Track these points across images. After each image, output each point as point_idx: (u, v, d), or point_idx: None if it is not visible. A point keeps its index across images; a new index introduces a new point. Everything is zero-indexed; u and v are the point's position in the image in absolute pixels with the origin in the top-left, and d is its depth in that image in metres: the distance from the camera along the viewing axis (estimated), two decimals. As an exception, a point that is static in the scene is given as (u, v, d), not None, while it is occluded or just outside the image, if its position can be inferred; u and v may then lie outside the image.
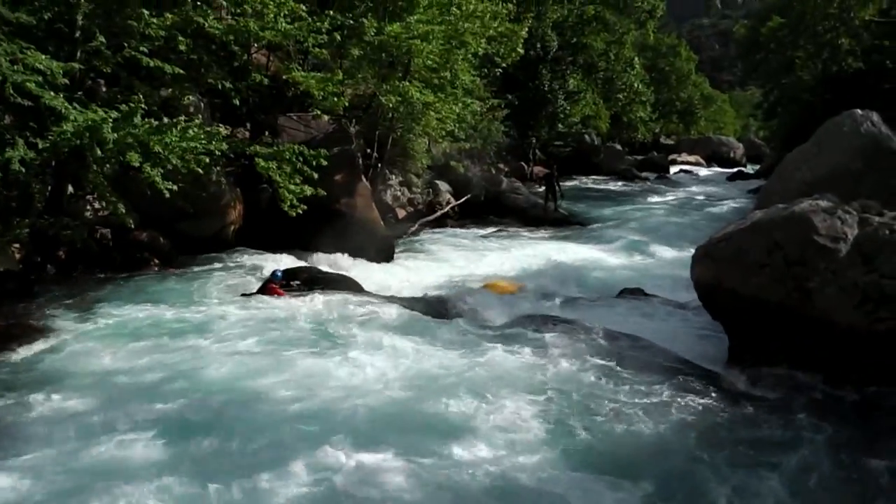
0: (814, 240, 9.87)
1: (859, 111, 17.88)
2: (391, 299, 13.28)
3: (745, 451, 7.52)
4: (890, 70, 34.67)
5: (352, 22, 18.74)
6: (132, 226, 13.37)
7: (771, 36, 44.98)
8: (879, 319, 8.98)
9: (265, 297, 12.87)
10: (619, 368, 9.39)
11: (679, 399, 8.62)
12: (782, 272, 9.91)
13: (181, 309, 12.01)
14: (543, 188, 29.38)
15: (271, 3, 15.19)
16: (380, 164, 21.81)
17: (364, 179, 19.01)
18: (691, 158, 69.79)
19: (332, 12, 17.41)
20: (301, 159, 15.14)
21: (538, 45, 40.02)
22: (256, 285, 13.68)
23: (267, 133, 18.18)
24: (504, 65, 27.80)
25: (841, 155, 16.96)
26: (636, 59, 59.45)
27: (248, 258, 15.95)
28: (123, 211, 12.87)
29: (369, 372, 9.13)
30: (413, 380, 8.90)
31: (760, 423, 8.24)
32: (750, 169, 61.14)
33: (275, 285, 13.31)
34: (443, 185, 26.73)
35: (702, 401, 8.64)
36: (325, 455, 6.94)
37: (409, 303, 13.10)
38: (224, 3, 15.29)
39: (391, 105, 19.28)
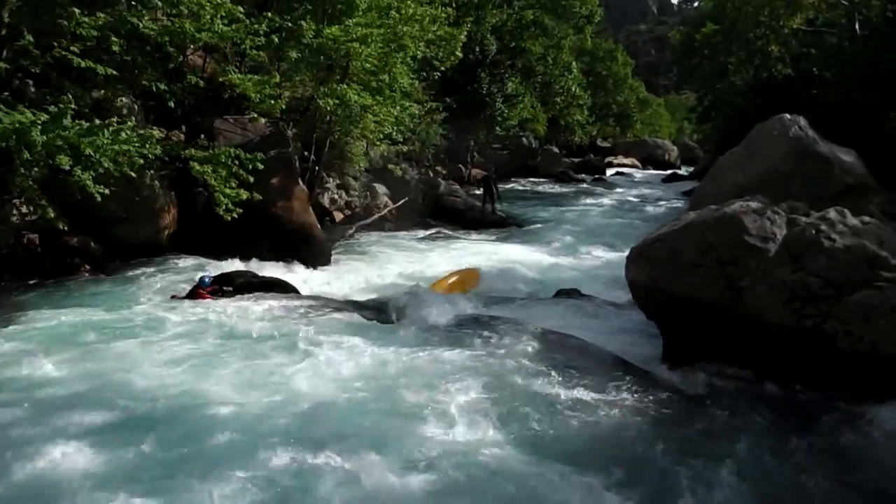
0: (745, 240, 10.13)
1: (787, 116, 18.37)
2: (328, 303, 13.22)
3: (678, 446, 7.66)
4: (817, 76, 35.67)
5: (290, 24, 18.62)
6: (64, 229, 13.07)
7: (705, 42, 45.95)
8: (806, 316, 9.26)
9: (198, 301, 12.72)
10: (556, 368, 9.48)
11: (615, 397, 8.76)
12: (715, 272, 10.15)
13: (112, 315, 11.77)
14: (481, 190, 29.55)
15: (208, 4, 14.94)
16: (317, 168, 21.67)
17: (301, 183, 18.87)
18: (627, 161, 70.93)
19: (270, 14, 17.27)
20: (237, 163, 14.96)
21: (477, 49, 40.21)
22: (188, 290, 13.49)
23: (203, 136, 17.91)
24: (443, 68, 27.88)
25: (771, 158, 17.40)
26: (574, 63, 60.19)
27: (183, 263, 15.72)
28: (53, 215, 12.56)
29: (305, 376, 9.04)
30: (351, 383, 8.86)
31: (693, 419, 8.42)
32: (684, 171, 62.39)
33: (203, 291, 13.16)
34: (380, 188, 26.68)
35: (637, 399, 8.79)
36: (259, 460, 6.87)
37: (345, 306, 13.06)
38: (159, 3, 15.00)
39: (329, 108, 19.18)
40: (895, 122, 22.33)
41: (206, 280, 13.56)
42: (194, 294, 13.17)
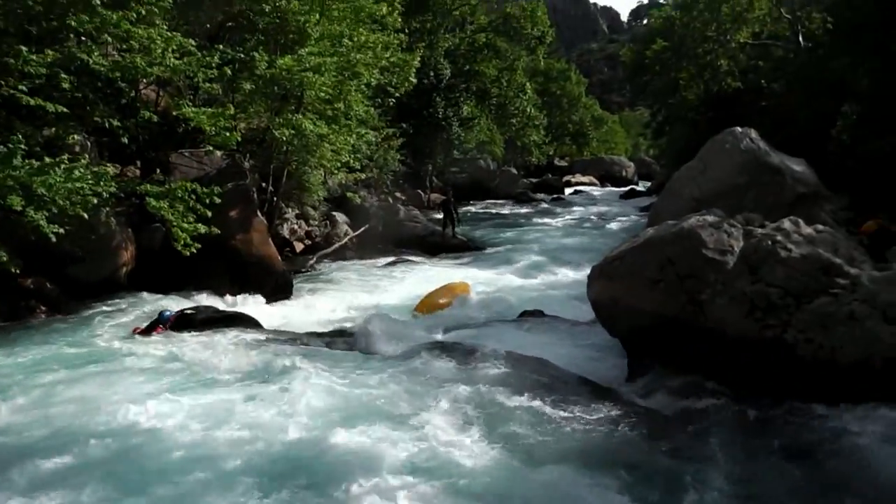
0: (703, 253, 10.26)
1: (739, 129, 18.70)
2: (290, 335, 13.11)
3: (646, 464, 7.71)
4: (765, 88, 36.41)
5: (243, 56, 18.58)
6: (16, 272, 12.84)
7: (655, 59, 46.64)
8: (767, 326, 9.39)
9: (161, 334, 12.59)
10: (521, 391, 9.46)
11: (581, 417, 8.77)
12: (675, 287, 10.26)
13: (70, 356, 11.54)
14: (441, 215, 29.60)
15: (159, 38, 14.85)
16: (275, 198, 21.57)
17: (260, 214, 18.75)
18: (585, 179, 71.68)
19: (221, 46, 17.24)
20: (194, 197, 14.84)
21: (431, 74, 40.49)
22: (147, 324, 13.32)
23: (158, 171, 17.75)
24: (398, 94, 27.95)
25: (724, 171, 17.69)
26: (528, 84, 60.79)
27: (142, 301, 15.45)
28: (6, 258, 12.35)
29: (270, 411, 8.92)
30: (316, 417, 8.76)
31: (660, 435, 8.46)
32: (642, 186, 63.22)
33: (161, 327, 13.02)
34: (340, 217, 26.61)
35: (603, 417, 8.81)
36: (225, 499, 6.77)
37: (308, 338, 12.96)
38: (109, 38, 14.87)
39: (285, 138, 19.11)
40: (841, 130, 22.78)
41: (166, 314, 13.43)
42: (153, 329, 13.04)
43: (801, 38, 34.36)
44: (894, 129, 23.36)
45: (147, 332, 13.04)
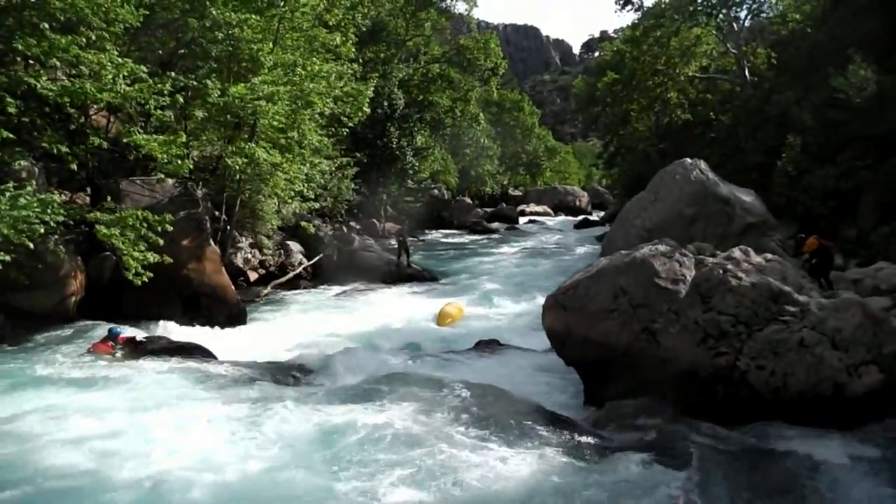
0: (655, 283, 10.39)
1: (689, 160, 19.07)
2: (243, 366, 12.93)
3: (602, 490, 7.73)
4: (714, 120, 37.15)
5: (195, 83, 18.41)
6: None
7: (607, 91, 47.33)
8: (719, 354, 9.52)
9: (105, 365, 12.38)
10: (477, 421, 9.46)
11: (537, 445, 8.80)
12: (629, 316, 10.36)
13: (12, 389, 11.19)
14: (396, 244, 29.58)
15: (109, 64, 14.64)
16: (229, 227, 21.32)
17: (213, 243, 18.55)
18: (539, 208, 72.16)
19: (174, 73, 17.06)
20: (145, 225, 14.61)
21: (385, 104, 40.58)
22: (96, 359, 13.03)
23: (109, 198, 17.44)
24: (352, 123, 27.93)
25: (675, 201, 18.01)
26: (481, 114, 61.23)
27: (92, 331, 15.10)
28: (-52, 288, 12.02)
29: (221, 445, 8.77)
30: (269, 450, 8.65)
31: (615, 463, 8.50)
32: (595, 216, 63.82)
33: (112, 344, 13.00)
34: (294, 246, 26.44)
35: (559, 446, 8.84)
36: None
37: (262, 369, 12.79)
38: (58, 63, 14.65)
39: (238, 166, 18.95)
40: (786, 161, 23.31)
41: (116, 331, 13.35)
42: (104, 342, 13.07)
43: (746, 73, 35.20)
44: (835, 160, 24.03)
45: (99, 348, 12.96)
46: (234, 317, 17.70)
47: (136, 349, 13.34)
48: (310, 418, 9.69)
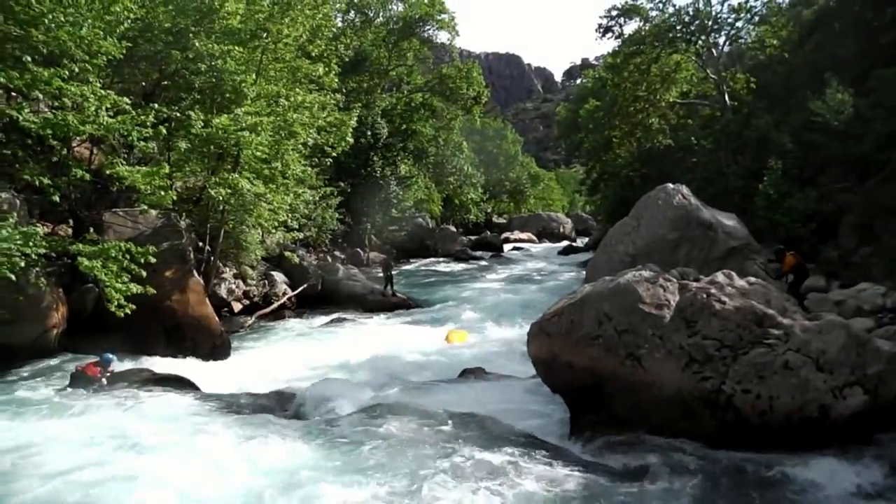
0: (640, 308, 10.41)
1: (671, 185, 19.20)
2: (228, 398, 12.83)
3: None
4: (695, 145, 37.50)
5: (178, 114, 18.44)
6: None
7: (588, 117, 47.77)
8: (705, 378, 9.53)
9: (85, 397, 12.32)
10: (464, 450, 9.40)
11: (524, 474, 8.75)
12: (614, 341, 10.36)
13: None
14: (381, 273, 29.57)
15: (92, 96, 14.66)
16: (213, 258, 21.28)
17: (196, 274, 18.49)
18: (523, 235, 72.31)
19: (157, 105, 17.07)
20: (128, 256, 14.55)
21: (369, 133, 40.77)
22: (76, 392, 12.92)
23: (91, 230, 17.37)
24: (335, 153, 27.99)
25: (658, 227, 18.10)
26: (464, 143, 61.58)
27: (72, 364, 14.96)
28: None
29: (205, 479, 8.66)
30: (254, 484, 8.55)
31: (602, 490, 8.46)
32: (579, 242, 64.01)
33: (101, 369, 13.03)
34: (279, 276, 26.37)
35: (548, 474, 8.79)
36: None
37: (246, 401, 12.69)
38: (40, 95, 14.64)
39: (222, 197, 18.96)
40: (768, 185, 23.53)
41: (108, 357, 13.33)
42: (87, 367, 13.08)
43: (726, 98, 35.60)
44: (815, 182, 24.28)
45: (88, 369, 12.99)
46: (217, 348, 17.58)
47: (117, 381, 13.25)
48: (293, 450, 9.62)
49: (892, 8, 24.23)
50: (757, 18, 36.61)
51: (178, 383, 13.75)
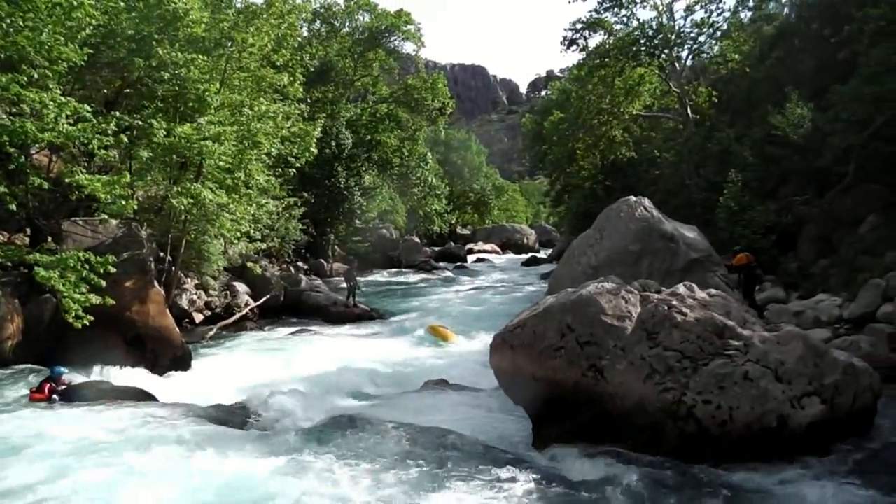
0: (602, 320, 10.46)
1: (633, 198, 19.40)
2: (187, 410, 12.64)
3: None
4: (658, 158, 37.89)
5: (140, 123, 18.23)
6: None
7: (553, 129, 48.00)
8: (666, 389, 9.58)
9: (41, 411, 12.08)
10: (425, 463, 9.35)
11: (486, 487, 8.71)
12: (576, 353, 10.40)
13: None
14: (346, 284, 29.48)
15: (52, 102, 14.40)
16: (174, 268, 21.04)
17: (157, 285, 18.25)
18: (487, 247, 72.41)
19: (118, 113, 16.87)
20: (87, 266, 14.30)
21: (333, 143, 40.68)
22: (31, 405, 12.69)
23: (50, 239, 17.09)
24: (299, 163, 27.87)
25: (620, 238, 18.27)
26: (429, 153, 61.62)
27: (29, 376, 14.68)
28: None
29: (162, 491, 8.54)
30: (214, 496, 8.44)
31: (567, 501, 8.45)
32: (543, 254, 64.17)
33: (53, 384, 12.75)
34: (241, 287, 26.17)
35: (510, 486, 8.76)
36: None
37: (205, 412, 12.52)
38: (-3, 102, 14.41)
39: (184, 207, 18.75)
40: (728, 197, 23.84)
41: (58, 370, 13.11)
42: (44, 385, 12.80)
43: (689, 111, 36.02)
44: (775, 195, 24.66)
45: (39, 389, 12.73)
46: (178, 359, 17.36)
47: (75, 394, 13.03)
48: (250, 462, 9.51)
49: (849, 26, 24.71)
50: (719, 33, 37.16)
51: (137, 395, 13.56)
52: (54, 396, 12.83)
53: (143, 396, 13.61)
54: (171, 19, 19.96)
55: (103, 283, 14.34)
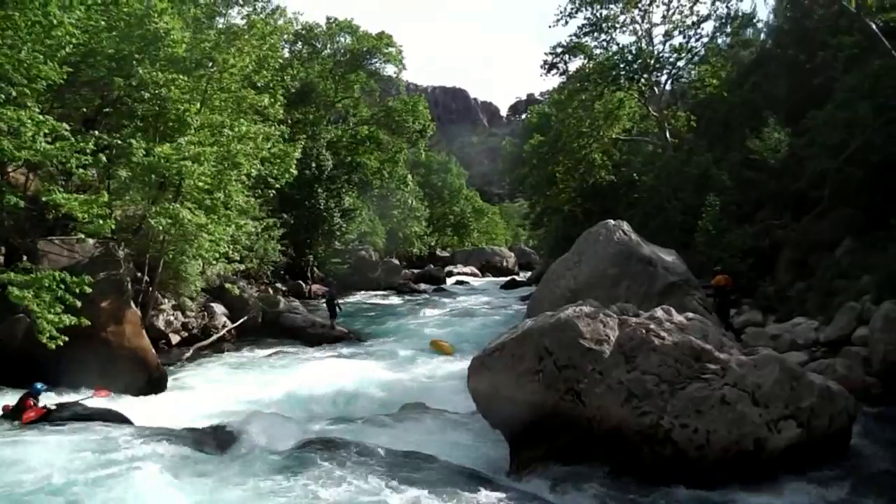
0: (580, 343, 10.47)
1: (612, 221, 19.50)
2: (162, 433, 12.47)
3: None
4: (637, 181, 38.15)
5: (120, 142, 18.14)
6: None
7: (533, 152, 48.24)
8: (644, 413, 9.59)
9: (8, 428, 12.10)
10: (402, 487, 9.26)
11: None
12: (554, 376, 10.39)
13: None
14: (326, 304, 29.37)
15: (29, 121, 14.29)
16: (151, 289, 20.88)
17: (133, 305, 18.10)
18: (467, 269, 72.29)
19: (97, 132, 16.78)
20: (63, 286, 14.13)
21: (313, 165, 40.64)
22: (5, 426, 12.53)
23: (25, 258, 16.92)
24: (279, 185, 27.81)
25: (599, 262, 18.34)
26: (409, 176, 61.69)
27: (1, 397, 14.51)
28: None
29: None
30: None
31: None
32: (522, 276, 64.13)
33: (32, 400, 12.69)
34: (218, 308, 25.99)
35: (488, 509, 8.71)
36: None
37: (180, 435, 12.35)
38: (-27, 119, 14.25)
39: (162, 227, 18.62)
40: (706, 221, 24.03)
41: (38, 387, 13.02)
42: (26, 402, 12.72)
43: (668, 135, 36.36)
44: (753, 218, 24.89)
45: (17, 407, 12.69)
46: (154, 381, 17.20)
47: (47, 416, 12.86)
48: (228, 486, 9.39)
49: (823, 52, 25.12)
50: (697, 59, 37.58)
51: (111, 418, 13.35)
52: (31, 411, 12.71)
53: (117, 419, 13.40)
54: (153, 39, 19.91)
55: (78, 304, 14.17)
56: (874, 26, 19.59)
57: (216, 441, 12.13)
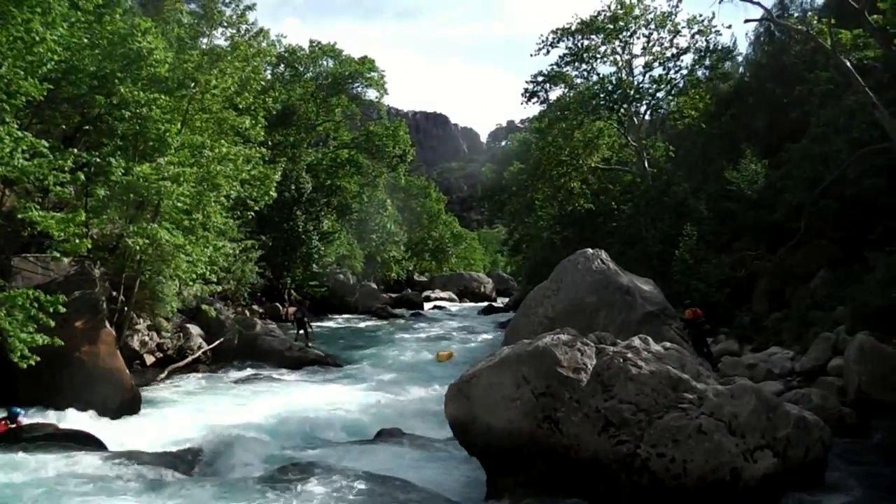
0: (558, 372, 10.46)
1: (590, 250, 19.56)
2: (134, 456, 12.32)
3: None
4: (616, 210, 38.39)
5: (99, 160, 18.03)
6: None
7: (513, 179, 48.47)
8: (621, 442, 9.59)
9: None
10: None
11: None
12: (532, 405, 10.37)
13: None
14: (296, 323, 29.29)
15: (7, 137, 14.15)
16: (126, 308, 20.68)
17: (108, 325, 17.91)
18: (445, 294, 72.25)
19: (77, 150, 16.67)
20: (37, 305, 13.93)
21: (293, 187, 40.63)
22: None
23: (-2, 275, 16.72)
24: (258, 207, 27.73)
25: (577, 290, 18.36)
26: (388, 200, 61.70)
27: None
28: None
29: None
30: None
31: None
32: (500, 302, 64.18)
33: (6, 423, 12.73)
34: (194, 329, 25.76)
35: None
36: None
37: (153, 459, 12.21)
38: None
39: (139, 247, 18.48)
40: (684, 250, 24.20)
41: (16, 411, 13.06)
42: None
43: (646, 164, 36.65)
44: (730, 248, 25.11)
45: None
46: (127, 402, 16.98)
47: (18, 437, 12.68)
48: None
49: (800, 87, 25.52)
50: (676, 90, 37.94)
51: (83, 439, 13.21)
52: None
53: (90, 441, 13.25)
54: (135, 58, 19.88)
55: (52, 323, 13.96)
56: (848, 63, 19.94)
57: (190, 464, 12.02)
